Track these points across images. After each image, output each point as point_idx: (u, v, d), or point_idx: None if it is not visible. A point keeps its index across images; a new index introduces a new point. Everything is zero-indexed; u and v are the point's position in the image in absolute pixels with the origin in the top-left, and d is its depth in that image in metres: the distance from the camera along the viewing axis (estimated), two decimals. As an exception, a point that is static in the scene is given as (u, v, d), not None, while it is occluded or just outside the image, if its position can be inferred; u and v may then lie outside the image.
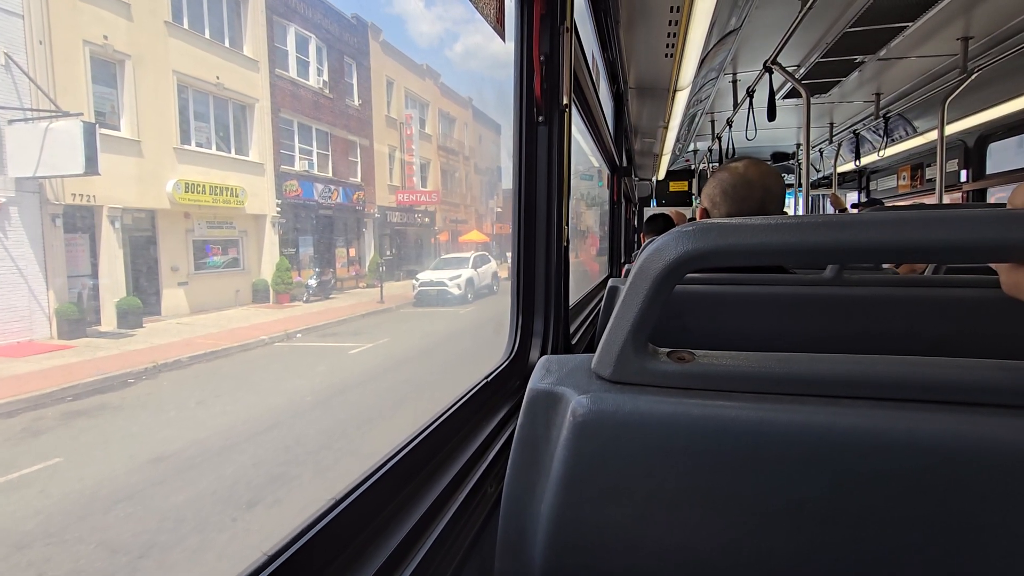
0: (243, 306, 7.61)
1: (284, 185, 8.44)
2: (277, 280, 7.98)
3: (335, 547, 0.32)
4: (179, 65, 6.62)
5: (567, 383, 0.26)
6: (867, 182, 3.54)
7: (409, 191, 12.89)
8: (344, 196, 10.39)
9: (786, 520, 0.23)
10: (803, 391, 0.24)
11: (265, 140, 8.14)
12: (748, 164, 0.71)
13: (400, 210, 12.74)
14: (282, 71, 8.55)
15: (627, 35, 1.34)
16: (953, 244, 0.20)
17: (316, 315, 7.00)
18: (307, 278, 8.58)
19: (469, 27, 24.48)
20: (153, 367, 4.36)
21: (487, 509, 0.45)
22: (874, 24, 1.41)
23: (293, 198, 8.68)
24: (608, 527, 0.25)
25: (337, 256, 10.49)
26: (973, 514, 0.21)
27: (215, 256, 7.50)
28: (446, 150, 15.66)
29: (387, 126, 12.11)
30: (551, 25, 0.68)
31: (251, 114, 7.97)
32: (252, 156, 8.00)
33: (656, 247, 0.24)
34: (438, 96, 14.90)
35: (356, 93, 10.81)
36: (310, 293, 8.35)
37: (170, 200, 6.50)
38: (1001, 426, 0.21)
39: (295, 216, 8.88)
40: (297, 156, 8.97)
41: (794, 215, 0.24)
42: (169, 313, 6.52)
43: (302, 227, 9.19)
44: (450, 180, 16.11)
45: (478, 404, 0.56)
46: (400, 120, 12.57)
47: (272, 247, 8.23)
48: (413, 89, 13.33)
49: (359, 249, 11.23)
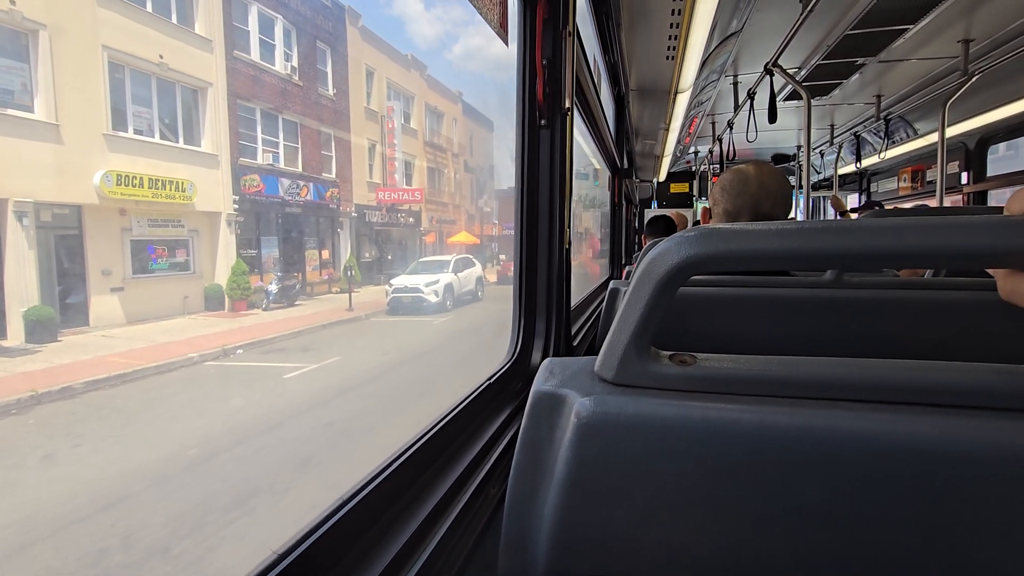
0: (192, 315, 7.40)
1: (243, 180, 8.30)
2: (232, 285, 7.79)
3: (341, 547, 0.35)
4: (112, 40, 6.29)
5: (570, 385, 0.29)
6: (868, 184, 3.80)
7: (391, 189, 12.86)
8: (316, 193, 10.26)
9: (787, 522, 0.25)
10: (804, 394, 0.26)
11: (220, 129, 7.95)
12: (751, 164, 0.80)
13: (381, 209, 12.68)
14: (242, 54, 8.43)
15: (629, 37, 1.47)
16: (951, 251, 0.22)
17: (270, 326, 6.87)
18: (268, 283, 8.40)
19: (466, 27, 25.08)
20: (31, 397, 3.82)
21: (490, 510, 0.49)
22: (875, 26, 1.55)
23: (254, 194, 8.55)
24: (611, 528, 0.28)
25: (308, 259, 10.31)
26: (972, 517, 0.23)
27: (159, 258, 7.25)
28: (433, 147, 15.75)
29: (367, 119, 12.09)
30: (553, 29, 0.75)
31: (203, 100, 7.77)
32: (205, 147, 7.80)
33: (660, 251, 0.26)
34: (425, 89, 14.99)
35: (331, 82, 10.75)
36: (270, 300, 8.21)
37: (98, 194, 6.16)
38: (1000, 429, 0.23)
39: (257, 214, 8.74)
40: (260, 148, 8.85)
41: (796, 220, 0.27)
42: (99, 323, 6.22)
43: (265, 226, 9.05)
44: (437, 178, 16.18)
45: (481, 405, 0.61)
46: (382, 113, 12.56)
47: (228, 248, 8.05)
48: (396, 80, 13.36)
49: (333, 251, 11.05)
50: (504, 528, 0.30)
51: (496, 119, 20.89)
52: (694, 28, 1.25)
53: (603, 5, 1.22)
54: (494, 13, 0.66)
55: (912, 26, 1.54)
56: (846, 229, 0.23)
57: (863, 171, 3.56)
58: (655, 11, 1.24)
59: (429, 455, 0.48)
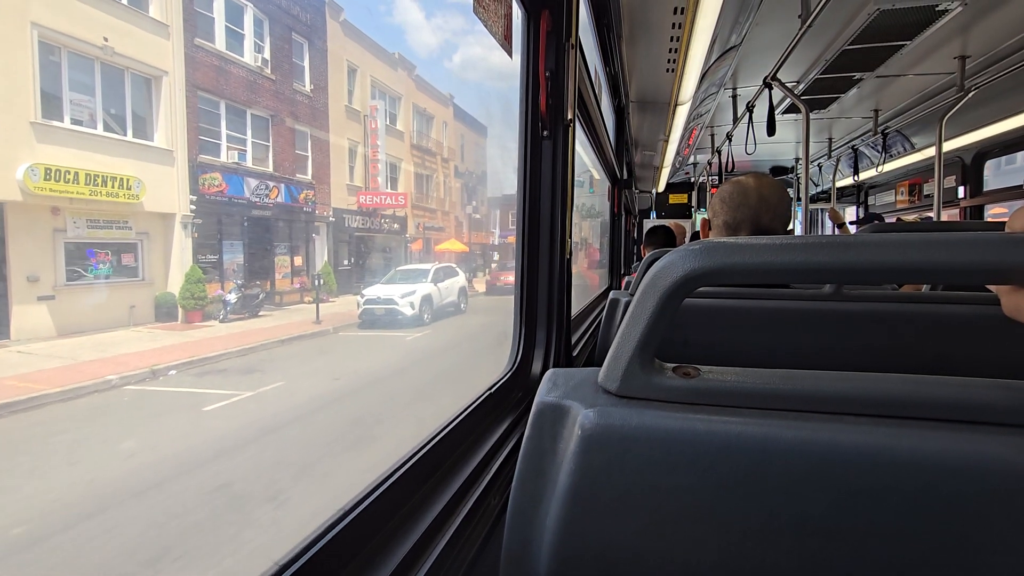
0: (137, 327, 7.16)
1: (202, 178, 8.18)
2: (185, 294, 7.60)
3: (341, 559, 0.37)
4: (44, 18, 5.91)
5: (574, 396, 0.31)
6: (865, 197, 4.09)
7: (373, 192, 12.89)
8: (287, 195, 10.16)
9: (789, 536, 0.27)
10: (807, 408, 0.28)
11: (177, 123, 7.80)
12: (751, 176, 0.87)
13: (363, 214, 12.67)
14: (204, 42, 8.36)
15: (629, 50, 1.58)
16: (953, 266, 0.24)
17: (221, 340, 6.67)
18: (227, 291, 8.19)
19: (465, 36, 25.98)
20: None
21: (491, 521, 0.52)
22: (872, 42, 1.70)
23: (215, 194, 8.43)
24: (613, 541, 0.29)
25: (277, 265, 10.10)
26: (974, 532, 0.24)
27: (101, 263, 6.99)
28: (421, 150, 15.92)
29: (348, 118, 12.14)
30: (556, 42, 0.83)
31: (157, 90, 7.60)
32: (158, 141, 7.63)
33: (664, 264, 0.28)
34: (412, 90, 15.21)
35: (308, 77, 10.79)
36: (228, 310, 8.04)
37: (22, 190, 5.80)
38: (1003, 445, 0.24)
39: (218, 216, 8.62)
40: (224, 145, 8.75)
41: (798, 235, 0.29)
42: (21, 336, 5.91)
43: (229, 230, 8.91)
44: (426, 183, 16.33)
45: (481, 415, 0.65)
46: (364, 112, 12.64)
47: (184, 253, 7.88)
48: (382, 79, 13.50)
49: (308, 257, 10.86)
50: (505, 540, 0.32)
51: (489, 124, 21.29)
52: (694, 41, 1.37)
53: (605, 18, 1.33)
54: (499, 26, 0.73)
55: (909, 42, 1.69)
56: (850, 244, 0.25)
57: (861, 184, 3.83)
58: (656, 24, 1.35)
59: (430, 465, 0.51)
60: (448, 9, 22.81)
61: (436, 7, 23.82)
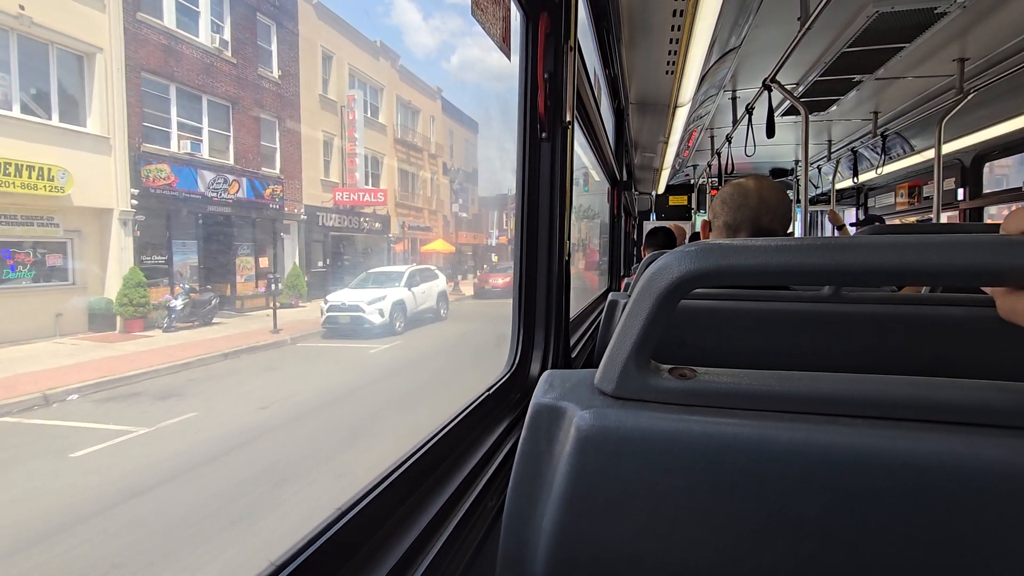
0: (64, 337, 6.94)
1: (146, 170, 8.04)
2: (123, 299, 7.41)
3: (337, 559, 0.41)
4: None
5: (570, 398, 0.34)
6: (865, 199, 4.39)
7: (351, 189, 12.88)
8: (250, 190, 10.04)
9: (785, 538, 0.29)
10: (803, 409, 0.30)
11: (115, 107, 7.56)
12: (751, 178, 0.97)
13: (340, 212, 12.66)
14: (149, 17, 8.21)
15: (629, 52, 1.74)
16: (949, 269, 0.26)
17: (155, 354, 6.53)
18: (176, 296, 8.05)
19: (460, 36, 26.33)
20: None
21: (488, 522, 0.57)
22: (871, 45, 1.87)
23: (162, 188, 8.34)
24: (609, 542, 0.32)
25: (239, 267, 9.88)
26: (971, 534, 0.27)
27: (18, 265, 6.77)
28: (406, 145, 16.04)
29: (323, 108, 12.21)
30: (555, 44, 0.91)
31: (90, 69, 7.34)
32: (91, 127, 7.39)
33: (660, 266, 0.31)
34: (396, 81, 15.35)
35: (276, 62, 10.80)
36: (172, 318, 7.92)
37: None
38: (999, 447, 0.27)
39: (167, 213, 8.51)
40: (175, 133, 8.66)
41: (797, 237, 0.31)
42: None
43: (180, 228, 8.82)
44: (411, 181, 16.44)
45: (479, 417, 0.71)
46: (341, 103, 12.68)
47: (124, 254, 7.70)
48: (361, 68, 13.60)
49: (275, 259, 10.65)
50: (502, 541, 0.35)
51: (479, 119, 21.56)
52: (693, 43, 1.54)
53: (604, 20, 1.48)
54: (497, 28, 0.80)
55: (908, 44, 1.86)
56: (847, 246, 0.28)
57: (860, 186, 4.13)
58: (655, 26, 1.50)
59: (427, 466, 0.56)
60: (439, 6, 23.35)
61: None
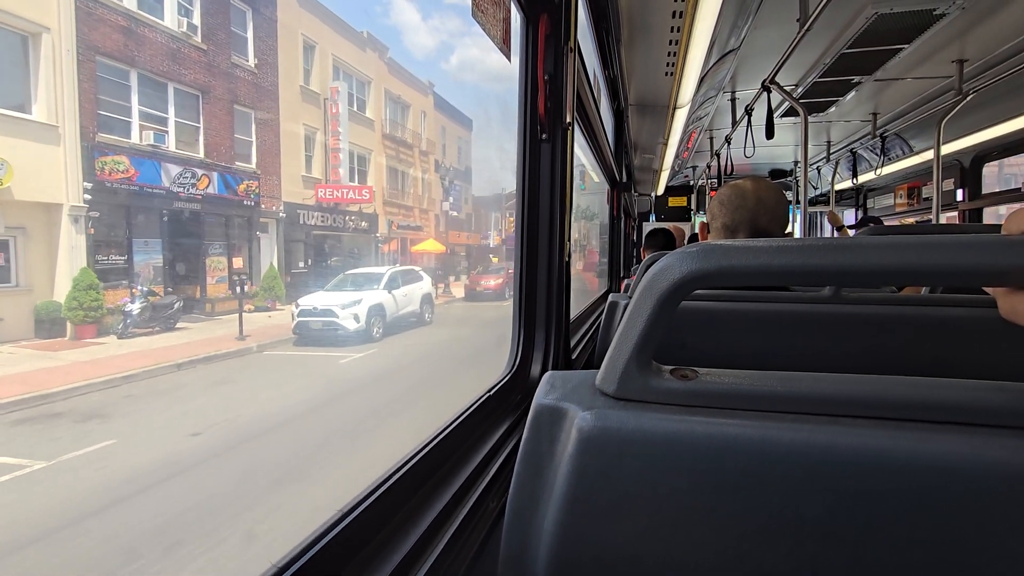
0: (3, 344, 6.69)
1: (101, 162, 7.86)
2: (73, 303, 7.18)
3: (338, 561, 0.43)
4: None
5: (571, 399, 0.36)
6: (864, 200, 4.59)
7: (334, 186, 12.84)
8: (222, 185, 9.90)
9: (787, 539, 0.31)
10: (805, 410, 0.32)
11: (64, 92, 7.33)
12: (748, 179, 1.03)
13: (323, 210, 12.60)
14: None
15: (628, 53, 1.86)
16: (950, 269, 0.28)
17: (99, 365, 6.29)
18: (134, 299, 7.89)
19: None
20: None
21: (489, 524, 0.60)
22: (871, 46, 1.97)
23: (120, 182, 8.18)
24: (611, 543, 0.34)
25: (210, 268, 9.70)
26: (972, 534, 0.28)
27: None
28: (396, 141, 16.09)
29: (304, 101, 12.19)
30: (555, 45, 0.97)
31: (36, 50, 7.08)
32: (37, 114, 7.14)
33: (662, 266, 0.32)
34: (385, 74, 15.41)
35: (251, 50, 10.71)
36: (128, 323, 7.73)
37: None
38: (1001, 447, 0.28)
39: (127, 209, 8.35)
40: (136, 123, 8.51)
41: (797, 237, 0.33)
42: None
43: (142, 225, 8.66)
44: (401, 179, 16.48)
45: (480, 418, 0.75)
46: (324, 95, 12.64)
47: (76, 253, 7.50)
48: (347, 59, 13.59)
49: (251, 259, 10.48)
50: (503, 543, 0.37)
51: (476, 118, 21.76)
52: (693, 45, 1.63)
53: (603, 21, 1.58)
54: (497, 29, 0.84)
55: (907, 46, 1.97)
56: (848, 246, 0.29)
57: (859, 187, 4.33)
58: (655, 27, 1.60)
59: (428, 468, 0.59)
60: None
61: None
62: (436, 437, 0.63)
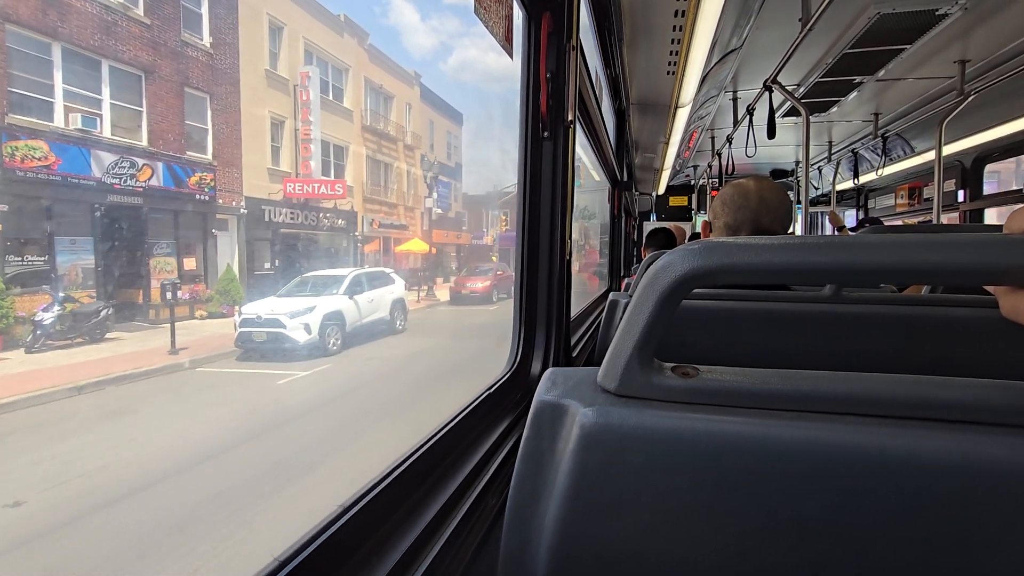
0: None
1: (10, 147, 7.41)
2: None
3: (339, 557, 0.47)
4: None
5: (573, 396, 0.39)
6: (865, 200, 4.88)
7: (305, 180, 12.64)
8: (169, 177, 9.58)
9: (788, 536, 0.34)
10: (807, 408, 0.35)
11: None
12: (751, 178, 1.11)
13: (292, 207, 12.39)
14: None
15: (630, 53, 1.99)
16: (952, 267, 0.30)
17: None
18: (49, 306, 7.50)
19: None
20: None
21: (489, 521, 0.65)
22: (873, 46, 2.13)
23: (36, 171, 7.70)
24: (612, 541, 0.37)
25: (155, 270, 9.37)
26: (973, 532, 0.31)
27: None
28: (378, 134, 16.09)
29: (270, 86, 12.00)
30: (557, 44, 1.05)
31: None
32: None
33: (663, 264, 0.35)
34: (364, 62, 15.37)
35: (206, 28, 10.38)
36: (39, 335, 7.22)
37: None
38: (1002, 445, 0.31)
39: (46, 202, 7.92)
40: (59, 104, 8.12)
41: (798, 236, 0.35)
42: None
43: (68, 221, 8.22)
44: (384, 174, 16.49)
45: (480, 416, 0.80)
46: (294, 82, 12.48)
47: None
48: (320, 44, 13.44)
49: (205, 259, 10.18)
50: (503, 540, 0.40)
51: (465, 113, 21.98)
52: (695, 44, 1.76)
53: (606, 20, 1.71)
54: (500, 27, 0.91)
55: (909, 46, 2.13)
56: (850, 245, 0.32)
57: (861, 187, 4.60)
58: (657, 27, 1.74)
59: (428, 465, 0.64)
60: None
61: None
62: (436, 434, 0.68)
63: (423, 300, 14.14)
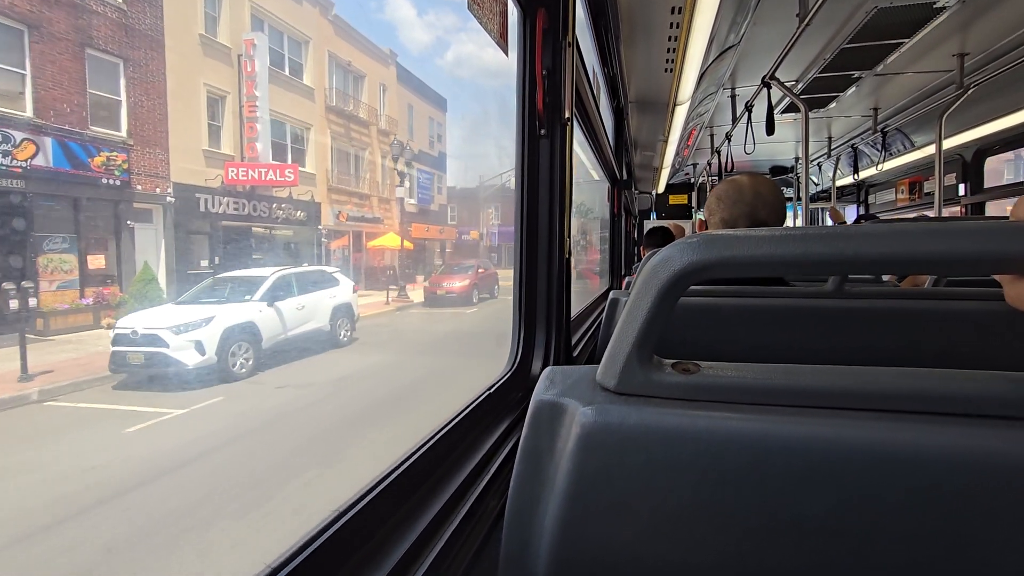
0: None
1: None
2: None
3: (337, 560, 0.49)
4: None
5: (572, 394, 0.41)
6: (866, 196, 5.10)
7: (250, 164, 11.33)
8: (63, 157, 8.86)
9: (791, 533, 0.35)
10: (808, 403, 0.37)
11: None
12: (745, 175, 1.18)
13: (236, 195, 11.06)
14: None
15: (627, 50, 2.06)
16: (957, 256, 0.32)
17: None
18: None
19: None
20: None
21: (489, 523, 0.69)
22: (871, 40, 2.25)
23: None
24: (613, 540, 0.38)
25: (46, 270, 8.66)
26: (978, 527, 0.33)
27: None
28: (346, 117, 15.36)
29: (206, 55, 10.47)
30: (553, 40, 1.09)
31: None
32: None
33: (661, 258, 0.37)
34: (330, 35, 14.56)
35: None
36: None
37: None
38: (1006, 438, 0.33)
39: None
40: None
41: (799, 227, 0.36)
42: None
43: None
44: (354, 162, 15.82)
45: (480, 416, 0.85)
46: (238, 51, 11.11)
47: None
48: (272, 10, 12.19)
49: (119, 256, 9.61)
50: (504, 541, 0.42)
51: (446, 93, 21.85)
52: (692, 41, 1.83)
53: (602, 18, 1.77)
54: (494, 23, 0.95)
55: (907, 40, 2.25)
56: (852, 234, 0.33)
57: (861, 183, 4.80)
58: (654, 24, 1.81)
59: (427, 467, 0.68)
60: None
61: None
62: (435, 436, 0.72)
63: (393, 302, 13.25)
